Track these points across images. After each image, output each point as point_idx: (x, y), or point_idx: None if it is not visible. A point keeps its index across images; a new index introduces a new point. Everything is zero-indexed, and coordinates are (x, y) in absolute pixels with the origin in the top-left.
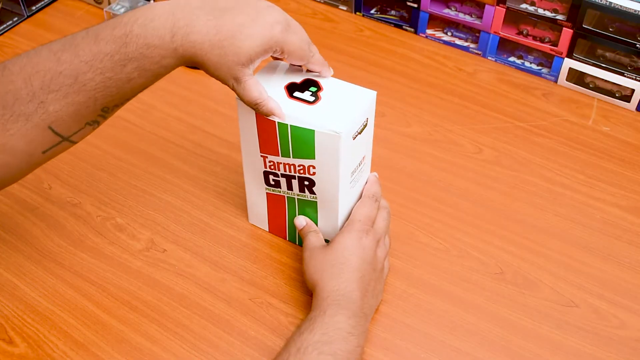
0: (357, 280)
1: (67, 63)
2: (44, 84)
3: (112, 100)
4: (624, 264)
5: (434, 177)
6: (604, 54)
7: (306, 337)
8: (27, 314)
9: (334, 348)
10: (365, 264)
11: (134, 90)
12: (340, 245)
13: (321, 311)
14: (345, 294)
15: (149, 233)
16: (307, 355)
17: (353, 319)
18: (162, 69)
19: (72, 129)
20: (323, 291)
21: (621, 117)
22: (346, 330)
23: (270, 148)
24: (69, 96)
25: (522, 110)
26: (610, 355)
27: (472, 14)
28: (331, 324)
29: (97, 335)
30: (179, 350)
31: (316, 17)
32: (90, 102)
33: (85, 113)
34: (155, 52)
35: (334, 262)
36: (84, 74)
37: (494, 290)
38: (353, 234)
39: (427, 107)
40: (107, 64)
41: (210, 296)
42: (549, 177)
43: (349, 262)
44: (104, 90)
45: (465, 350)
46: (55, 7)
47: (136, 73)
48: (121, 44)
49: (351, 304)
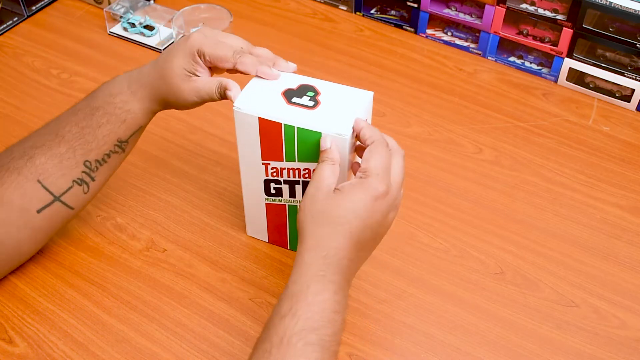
0: (352, 246)
1: (52, 125)
2: (33, 143)
3: (90, 151)
4: (624, 264)
5: (434, 177)
6: (604, 54)
7: (288, 323)
8: (27, 314)
9: (321, 334)
10: (367, 230)
11: (107, 139)
12: (348, 202)
13: (303, 285)
14: (334, 262)
15: (149, 233)
16: (292, 347)
17: (339, 293)
18: (128, 113)
19: (60, 186)
20: (306, 254)
21: (621, 117)
22: (332, 310)
23: (273, 154)
24: (52, 148)
25: (522, 110)
26: (610, 355)
27: (472, 14)
28: (315, 304)
29: (97, 335)
30: (179, 350)
31: (316, 17)
32: (70, 152)
33: (68, 166)
34: (117, 99)
35: (332, 220)
36: (63, 128)
37: (494, 290)
38: (368, 193)
39: (427, 107)
40: (80, 115)
41: (210, 296)
42: (549, 177)
43: (350, 225)
44: (80, 139)
45: (465, 350)
46: (55, 7)
47: (104, 119)
48: (90, 99)
49: (338, 275)
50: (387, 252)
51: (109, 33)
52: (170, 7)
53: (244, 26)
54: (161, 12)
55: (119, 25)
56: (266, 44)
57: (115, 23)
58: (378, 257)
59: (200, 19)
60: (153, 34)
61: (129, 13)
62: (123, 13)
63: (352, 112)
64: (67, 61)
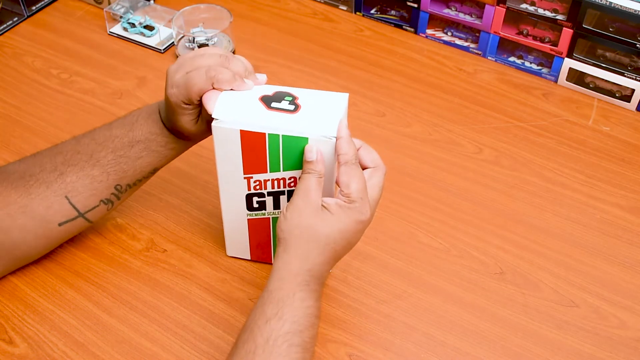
0: (333, 261)
1: (85, 145)
2: (65, 160)
3: (124, 177)
4: (624, 264)
5: (434, 177)
6: (604, 54)
7: (274, 326)
8: (27, 314)
9: (304, 337)
10: (348, 247)
11: (144, 169)
12: (337, 223)
13: (289, 292)
14: (317, 275)
15: (149, 233)
16: (277, 348)
17: (319, 300)
18: (171, 150)
19: (87, 204)
20: (292, 264)
21: (621, 117)
22: (314, 315)
23: (256, 166)
24: (84, 169)
25: (522, 110)
26: (610, 355)
27: (472, 14)
28: (302, 309)
29: (97, 335)
30: (179, 350)
31: (316, 17)
32: (104, 176)
33: (99, 188)
34: (159, 138)
35: (320, 238)
36: (99, 152)
37: (494, 290)
38: (355, 217)
39: (427, 107)
40: (118, 144)
41: (210, 296)
42: (549, 177)
43: (336, 244)
44: (116, 166)
45: (465, 350)
46: (55, 7)
47: (144, 153)
48: (129, 129)
49: (319, 285)
50: (387, 252)
51: (109, 33)
52: (170, 7)
53: (244, 26)
54: (161, 12)
55: (119, 25)
56: (266, 44)
57: (115, 23)
58: (378, 257)
59: (200, 19)
60: (153, 34)
61: (129, 13)
62: (123, 13)
63: (334, 114)
64: (67, 61)
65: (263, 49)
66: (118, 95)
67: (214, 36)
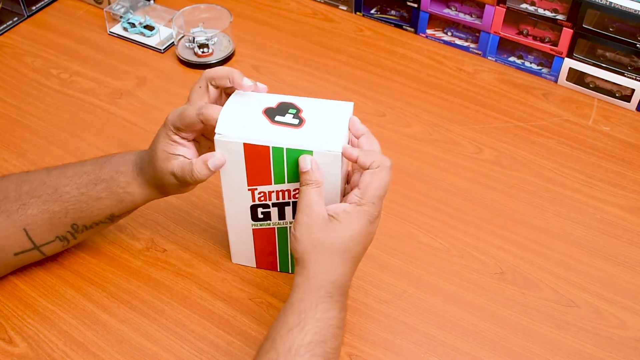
0: (354, 268)
1: (54, 177)
2: (30, 190)
3: (81, 218)
4: (624, 264)
5: (434, 177)
6: (604, 54)
7: (297, 335)
8: (27, 314)
9: (326, 348)
10: (364, 250)
11: (101, 212)
12: (349, 231)
13: (312, 304)
14: (341, 285)
15: (149, 233)
16: (299, 357)
17: (344, 311)
18: (128, 195)
19: (43, 237)
20: (316, 279)
21: (621, 117)
22: (337, 326)
23: (261, 178)
24: (47, 203)
25: (522, 110)
26: (610, 355)
27: (472, 14)
28: (324, 320)
29: (97, 335)
30: (179, 350)
31: (316, 17)
32: (62, 213)
33: (57, 224)
34: (122, 178)
35: (336, 249)
36: (64, 187)
37: (494, 290)
38: (364, 219)
39: (427, 107)
40: (84, 180)
41: (210, 296)
42: (549, 177)
43: (352, 251)
44: (75, 205)
45: (465, 350)
46: (55, 7)
47: (104, 193)
48: (99, 167)
49: (343, 296)
50: (387, 252)
51: (109, 33)
52: (170, 7)
53: (244, 26)
54: (161, 12)
55: (119, 25)
56: (266, 44)
57: (115, 23)
58: (378, 257)
59: (200, 19)
60: (153, 34)
61: (129, 13)
62: (123, 13)
63: (339, 127)
64: (67, 61)
65: (263, 49)
66: (118, 95)
67: (214, 36)
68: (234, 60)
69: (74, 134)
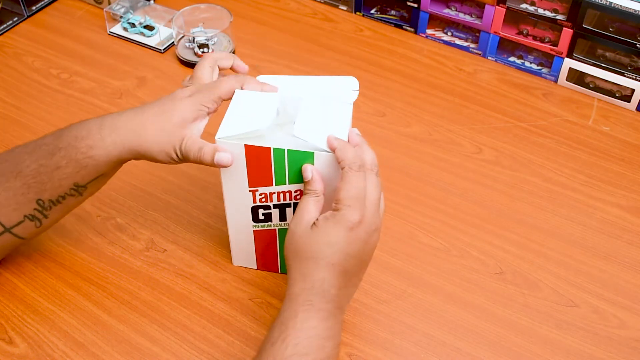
0: (337, 276)
1: (15, 154)
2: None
3: (44, 191)
4: (624, 264)
5: (434, 177)
6: (604, 54)
7: (278, 348)
8: (27, 314)
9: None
10: (349, 258)
11: (63, 182)
12: (324, 237)
13: (292, 314)
14: (320, 292)
15: (149, 233)
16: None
17: (330, 320)
18: (90, 159)
19: (11, 218)
20: (294, 286)
21: (621, 117)
22: (322, 336)
23: (262, 180)
24: (9, 181)
25: (522, 110)
26: (610, 355)
27: (472, 14)
28: (304, 330)
29: (97, 335)
30: (179, 350)
31: (316, 17)
32: (24, 188)
33: (21, 201)
34: (81, 143)
35: (312, 255)
36: (23, 162)
37: (494, 290)
38: (342, 225)
39: (427, 107)
40: (42, 152)
41: (210, 296)
42: (549, 177)
43: (331, 258)
44: (36, 177)
45: (465, 350)
46: (55, 7)
47: (64, 161)
48: (56, 137)
49: (326, 304)
50: (387, 252)
51: (109, 33)
52: (170, 7)
53: (244, 26)
54: (161, 12)
55: (119, 25)
56: (266, 44)
57: (115, 23)
58: (378, 257)
59: (200, 19)
60: (153, 34)
61: (129, 13)
62: (123, 13)
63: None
64: (67, 61)
65: (263, 49)
66: (118, 95)
67: (214, 36)
68: None
69: None
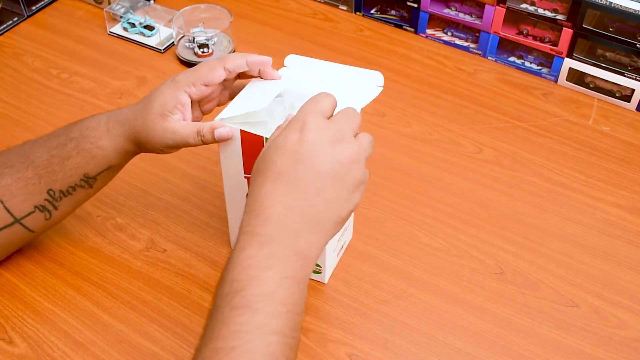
0: (282, 189)
1: (27, 146)
2: (5, 161)
3: (55, 181)
4: (624, 264)
5: (434, 177)
6: (604, 54)
7: (220, 290)
8: (27, 314)
9: (247, 295)
10: (299, 166)
11: (73, 172)
12: (271, 142)
13: (235, 247)
14: (260, 212)
15: (149, 233)
16: (219, 315)
17: (270, 246)
18: (99, 150)
19: (22, 208)
20: (244, 214)
21: (621, 117)
22: (259, 267)
23: None
24: (20, 171)
25: (522, 110)
26: (610, 355)
27: (472, 14)
28: (240, 260)
29: (97, 335)
30: (179, 350)
31: (316, 17)
32: (36, 178)
33: (32, 191)
34: (92, 133)
35: (259, 168)
36: (35, 152)
37: (494, 290)
38: (290, 127)
39: (427, 107)
40: (54, 143)
41: (211, 296)
42: (549, 177)
43: (275, 167)
44: (47, 167)
45: (465, 350)
46: (55, 7)
47: (75, 151)
48: (68, 129)
49: (266, 227)
50: (387, 252)
51: (109, 33)
52: (170, 7)
53: (244, 26)
54: (161, 12)
55: (119, 25)
56: (266, 44)
57: (115, 23)
58: (378, 257)
59: (200, 19)
60: (153, 34)
61: (129, 13)
62: (123, 13)
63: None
64: (67, 61)
65: (263, 49)
66: (118, 95)
67: (214, 36)
68: None
69: None
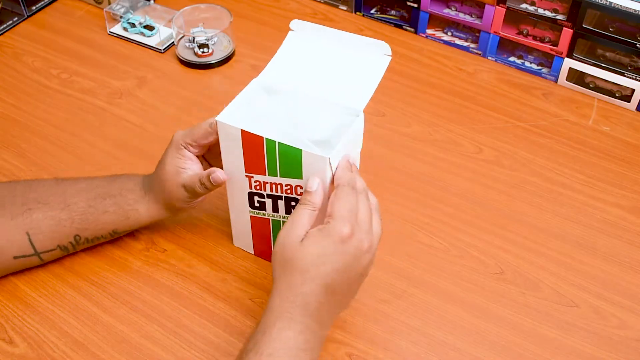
0: (322, 291)
1: (63, 186)
2: (38, 196)
3: (86, 229)
4: (624, 264)
5: (434, 177)
6: (604, 54)
7: (252, 358)
8: (27, 314)
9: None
10: (337, 275)
11: (105, 226)
12: (314, 249)
13: (270, 324)
14: (301, 305)
15: (149, 233)
16: None
17: (306, 333)
18: (134, 212)
19: (45, 244)
20: (277, 297)
21: (621, 117)
22: (298, 348)
23: (256, 167)
24: (53, 210)
25: (522, 110)
26: (610, 355)
27: (472, 14)
28: (279, 340)
29: (97, 335)
30: (179, 350)
31: (316, 17)
32: (69, 222)
33: (61, 232)
34: (130, 195)
35: (299, 268)
36: (72, 197)
37: (494, 290)
38: (332, 237)
39: (427, 107)
40: (92, 194)
41: (210, 296)
42: (549, 177)
43: (318, 270)
44: (82, 215)
45: (465, 350)
46: (55, 7)
47: (112, 208)
48: (108, 182)
49: (306, 318)
50: (387, 252)
51: (109, 33)
52: (170, 7)
53: (244, 26)
54: (161, 12)
55: (119, 25)
56: (266, 44)
57: (115, 23)
58: (378, 257)
59: (200, 19)
60: (153, 34)
61: (129, 13)
62: (123, 13)
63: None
64: (67, 61)
65: (263, 49)
66: (118, 95)
67: (214, 36)
68: (234, 60)
69: (74, 134)
